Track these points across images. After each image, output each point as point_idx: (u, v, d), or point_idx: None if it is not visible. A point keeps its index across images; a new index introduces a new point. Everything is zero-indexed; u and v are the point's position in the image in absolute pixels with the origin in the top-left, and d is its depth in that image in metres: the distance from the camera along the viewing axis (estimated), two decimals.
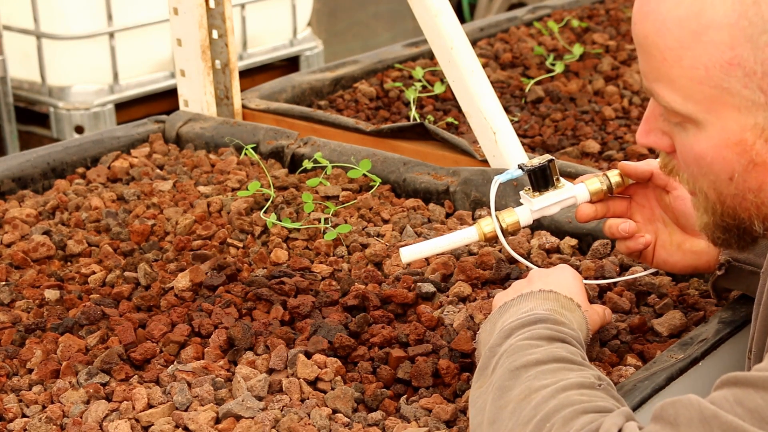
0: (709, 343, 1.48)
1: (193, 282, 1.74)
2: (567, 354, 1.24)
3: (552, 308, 1.35)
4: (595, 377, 1.21)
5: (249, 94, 2.60)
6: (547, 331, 1.27)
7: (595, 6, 3.48)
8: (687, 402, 1.05)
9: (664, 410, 1.06)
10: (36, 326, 1.65)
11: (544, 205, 1.56)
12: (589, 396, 1.16)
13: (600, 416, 1.12)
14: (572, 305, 1.38)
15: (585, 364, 1.25)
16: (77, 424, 1.40)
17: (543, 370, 1.21)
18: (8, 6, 4.18)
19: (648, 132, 1.23)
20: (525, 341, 1.26)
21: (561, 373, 1.20)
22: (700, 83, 1.10)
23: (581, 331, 1.36)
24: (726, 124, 1.11)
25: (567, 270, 1.47)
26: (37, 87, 4.28)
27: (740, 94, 1.09)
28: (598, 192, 1.57)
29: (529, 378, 1.20)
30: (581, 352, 1.28)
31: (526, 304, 1.36)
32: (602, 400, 1.15)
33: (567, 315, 1.35)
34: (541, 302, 1.36)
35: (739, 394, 1.02)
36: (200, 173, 2.22)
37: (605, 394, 1.18)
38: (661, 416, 1.06)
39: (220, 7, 2.40)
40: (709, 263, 1.55)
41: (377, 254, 1.84)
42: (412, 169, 2.13)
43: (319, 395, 1.46)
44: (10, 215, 2.03)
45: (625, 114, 2.60)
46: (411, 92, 2.65)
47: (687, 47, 1.10)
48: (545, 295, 1.38)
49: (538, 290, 1.39)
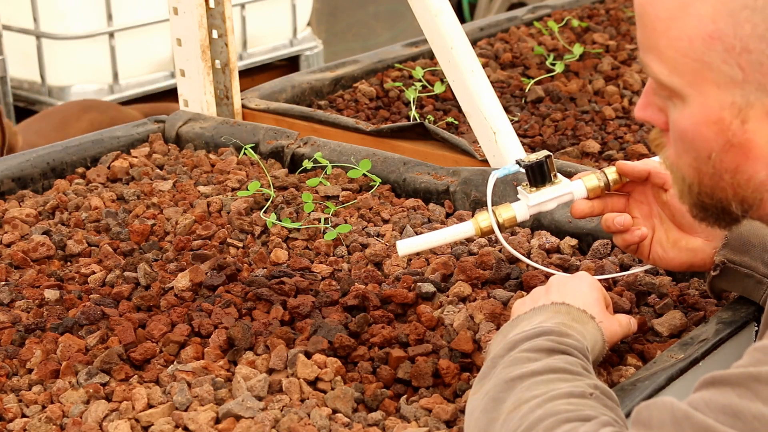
0: (710, 343, 1.48)
1: (193, 282, 1.74)
2: (564, 365, 1.24)
3: (562, 321, 1.34)
4: (589, 386, 1.20)
5: (249, 94, 2.60)
6: (548, 343, 1.27)
7: (595, 6, 3.48)
8: (661, 404, 1.05)
9: (639, 413, 1.07)
10: (36, 326, 1.65)
11: (541, 201, 1.56)
12: (576, 405, 1.16)
13: (581, 425, 1.12)
14: (584, 317, 1.37)
15: (583, 374, 1.24)
16: (77, 424, 1.40)
17: (536, 381, 1.21)
18: (8, 6, 4.19)
19: (645, 106, 1.23)
20: (525, 353, 1.26)
21: (553, 383, 1.20)
22: (684, 55, 1.10)
23: (596, 343, 1.36)
24: (706, 100, 1.11)
25: (585, 279, 1.46)
26: (36, 87, 4.28)
27: (720, 70, 1.09)
28: (596, 188, 1.57)
29: (522, 389, 1.20)
30: (583, 363, 1.27)
31: (537, 317, 1.36)
32: (590, 409, 1.15)
33: (577, 327, 1.34)
34: (552, 315, 1.36)
35: (714, 394, 1.03)
36: (200, 173, 2.22)
37: (596, 403, 1.18)
38: (637, 419, 1.07)
39: (220, 6, 2.40)
40: (705, 261, 1.55)
41: (377, 254, 1.84)
42: (412, 169, 2.13)
43: (319, 395, 1.46)
44: (10, 215, 2.03)
45: (625, 114, 2.60)
46: (411, 92, 2.65)
47: (675, 18, 1.10)
48: (557, 308, 1.38)
49: (550, 303, 1.39)
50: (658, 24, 1.12)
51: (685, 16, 1.09)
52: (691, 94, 1.12)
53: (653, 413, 1.05)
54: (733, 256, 1.52)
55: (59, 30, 4.13)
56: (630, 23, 3.29)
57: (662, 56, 1.13)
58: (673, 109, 1.17)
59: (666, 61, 1.13)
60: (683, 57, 1.11)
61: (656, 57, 1.14)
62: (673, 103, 1.16)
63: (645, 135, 2.43)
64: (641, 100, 1.23)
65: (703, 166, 1.16)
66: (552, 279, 1.48)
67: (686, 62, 1.11)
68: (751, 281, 1.52)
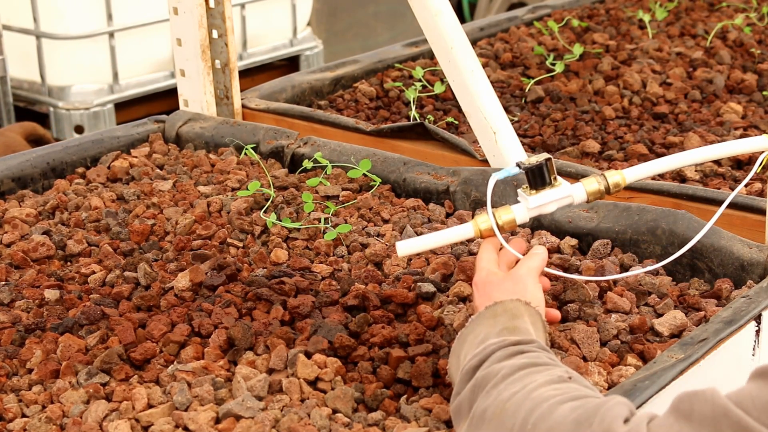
0: (710, 344, 1.48)
1: (193, 282, 1.74)
2: (530, 360, 1.24)
3: (503, 326, 1.35)
4: (563, 372, 1.21)
5: (249, 94, 2.60)
6: (503, 353, 1.28)
7: (595, 6, 3.48)
8: (703, 396, 1.03)
9: (681, 402, 1.05)
10: (36, 326, 1.65)
11: (541, 203, 1.56)
12: (561, 389, 1.16)
13: (584, 401, 1.11)
14: (519, 308, 1.38)
15: (551, 363, 1.25)
16: (77, 424, 1.40)
17: (509, 382, 1.21)
18: (8, 6, 4.18)
19: None
20: (485, 371, 1.26)
21: (528, 377, 1.21)
22: None
23: (536, 324, 1.37)
24: None
25: (491, 265, 1.48)
26: (36, 87, 4.28)
27: None
28: (595, 192, 1.57)
29: (498, 392, 1.21)
30: (544, 353, 1.28)
31: (479, 329, 1.37)
32: (576, 391, 1.16)
33: (519, 323, 1.35)
34: (491, 322, 1.36)
35: (761, 388, 1.01)
36: (200, 173, 2.22)
37: (578, 384, 1.19)
38: (678, 408, 1.04)
39: (220, 6, 2.40)
40: None
41: (377, 254, 1.84)
42: (412, 168, 2.13)
43: (319, 395, 1.46)
44: (10, 215, 2.03)
45: (625, 114, 2.60)
46: (411, 92, 2.65)
47: None
48: (492, 310, 1.38)
49: (484, 308, 1.40)
50: None
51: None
52: None
53: (695, 406, 1.03)
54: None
55: (59, 30, 4.13)
56: (630, 23, 3.29)
57: None
58: None
59: None
60: None
61: None
62: None
63: (645, 135, 2.43)
64: None
65: None
66: (474, 283, 1.49)
67: None
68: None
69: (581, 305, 1.65)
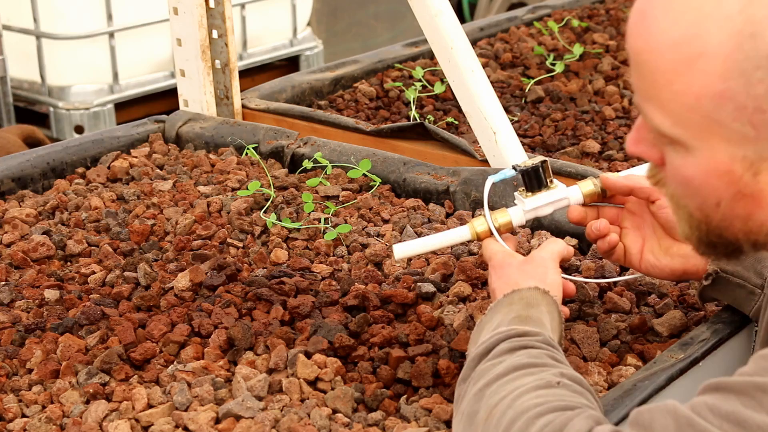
0: (709, 343, 1.48)
1: (193, 282, 1.74)
2: (528, 359, 1.24)
3: (516, 314, 1.34)
4: (555, 375, 1.20)
5: (249, 94, 2.60)
6: (508, 345, 1.28)
7: (595, 6, 3.48)
8: (664, 408, 1.04)
9: (639, 415, 1.06)
10: (36, 326, 1.65)
11: (537, 206, 1.56)
12: (545, 397, 1.16)
13: (559, 414, 1.12)
14: (537, 297, 1.38)
15: (548, 363, 1.24)
16: (77, 424, 1.40)
17: (501, 383, 1.21)
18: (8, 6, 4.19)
19: (638, 141, 1.18)
20: (488, 363, 1.27)
21: (519, 380, 1.21)
22: (690, 110, 1.06)
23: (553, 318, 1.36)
24: (715, 153, 1.07)
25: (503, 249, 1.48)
26: (36, 87, 4.28)
27: (730, 127, 1.05)
28: (592, 194, 1.56)
29: (490, 395, 1.21)
30: (548, 351, 1.27)
31: (495, 317, 1.37)
32: (559, 400, 1.15)
33: (532, 312, 1.35)
34: (507, 311, 1.36)
35: (718, 400, 1.02)
36: (200, 173, 2.22)
37: (565, 390, 1.18)
38: (637, 421, 1.06)
39: (220, 6, 2.40)
40: (697, 268, 1.53)
41: (377, 254, 1.84)
42: (412, 169, 2.13)
43: (319, 395, 1.46)
44: (10, 215, 2.03)
45: (625, 114, 2.60)
46: (411, 92, 2.65)
47: (679, 73, 1.05)
48: (510, 298, 1.38)
49: (503, 296, 1.40)
50: (659, 76, 1.07)
51: (691, 72, 1.04)
52: (697, 146, 1.08)
53: (655, 417, 1.04)
54: (725, 265, 1.51)
55: (59, 30, 4.13)
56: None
57: (664, 108, 1.08)
58: (673, 154, 1.12)
59: (669, 114, 1.08)
60: (688, 112, 1.06)
61: (657, 108, 1.09)
62: (673, 149, 1.12)
63: None
64: (633, 135, 1.18)
65: (712, 212, 1.12)
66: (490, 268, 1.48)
67: (692, 117, 1.06)
68: (743, 291, 1.51)
69: (581, 305, 1.65)
